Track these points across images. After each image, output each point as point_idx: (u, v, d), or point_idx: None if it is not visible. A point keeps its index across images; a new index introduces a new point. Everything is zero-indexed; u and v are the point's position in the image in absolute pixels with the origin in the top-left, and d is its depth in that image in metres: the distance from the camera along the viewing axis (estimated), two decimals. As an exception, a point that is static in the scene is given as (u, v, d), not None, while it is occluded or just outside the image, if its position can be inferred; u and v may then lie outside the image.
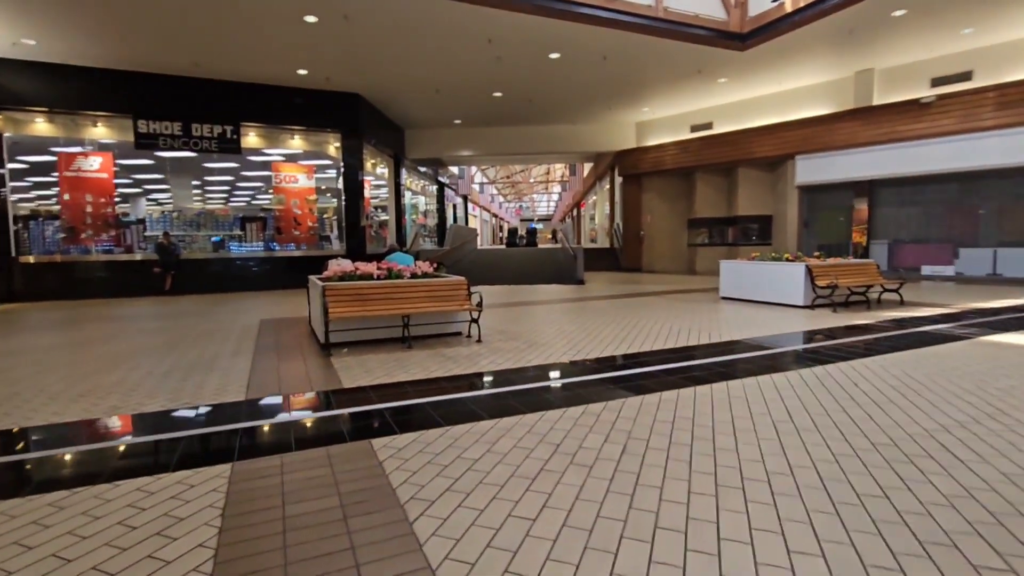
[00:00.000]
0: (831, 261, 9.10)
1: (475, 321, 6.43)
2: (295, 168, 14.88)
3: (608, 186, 23.31)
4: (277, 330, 7.43)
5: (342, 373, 4.86)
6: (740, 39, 11.44)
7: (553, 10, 9.65)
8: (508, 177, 48.83)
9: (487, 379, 4.62)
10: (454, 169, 30.15)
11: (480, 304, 6.35)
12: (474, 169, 38.27)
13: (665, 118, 17.98)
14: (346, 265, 7.16)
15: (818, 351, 5.52)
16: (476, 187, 40.54)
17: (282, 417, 3.58)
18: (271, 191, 14.88)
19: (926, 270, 13.61)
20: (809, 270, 8.42)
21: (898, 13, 10.08)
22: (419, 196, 25.12)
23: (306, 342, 6.47)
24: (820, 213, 15.61)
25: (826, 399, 3.83)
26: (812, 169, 14.89)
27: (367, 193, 17.03)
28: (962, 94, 12.07)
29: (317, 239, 15.62)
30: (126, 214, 15.45)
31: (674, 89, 14.83)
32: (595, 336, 6.53)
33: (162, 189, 16.98)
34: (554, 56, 11.89)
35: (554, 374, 4.75)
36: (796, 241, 15.47)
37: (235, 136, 13.47)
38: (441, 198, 27.50)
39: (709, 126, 16.85)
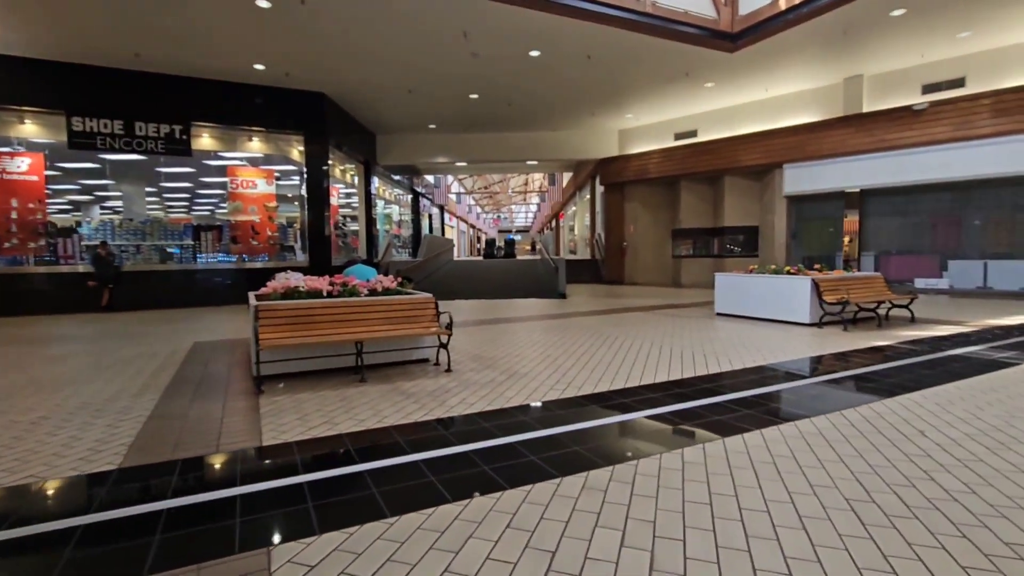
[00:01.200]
0: (835, 275, 8.37)
1: (444, 346, 5.40)
2: (253, 172, 13.67)
3: (589, 196, 22.60)
4: (209, 356, 6.27)
5: (267, 421, 3.78)
6: (730, 39, 10.80)
7: (534, 0, 8.80)
8: (486, 188, 48.03)
9: (454, 429, 3.60)
10: (430, 178, 29.16)
11: (450, 326, 5.34)
12: (451, 179, 37.33)
13: (649, 125, 17.34)
14: (295, 279, 6.08)
15: (854, 382, 4.65)
16: (453, 197, 39.59)
17: (150, 505, 2.50)
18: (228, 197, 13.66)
19: (919, 283, 13.10)
20: (816, 284, 7.65)
21: (897, 12, 9.54)
22: (393, 205, 24.03)
23: (238, 373, 5.35)
24: (808, 224, 15.06)
25: (898, 459, 2.92)
26: (800, 178, 14.34)
27: (335, 201, 15.90)
28: (956, 101, 11.64)
29: (279, 249, 14.40)
30: (79, 223, 14.00)
31: (659, 94, 14.17)
32: (585, 362, 5.57)
33: (111, 196, 15.65)
34: (535, 54, 11.05)
35: (540, 420, 3.76)
36: (784, 253, 14.88)
37: (185, 136, 12.22)
38: (416, 208, 26.43)
39: (694, 134, 16.25)
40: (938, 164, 12.10)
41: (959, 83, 11.83)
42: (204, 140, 12.82)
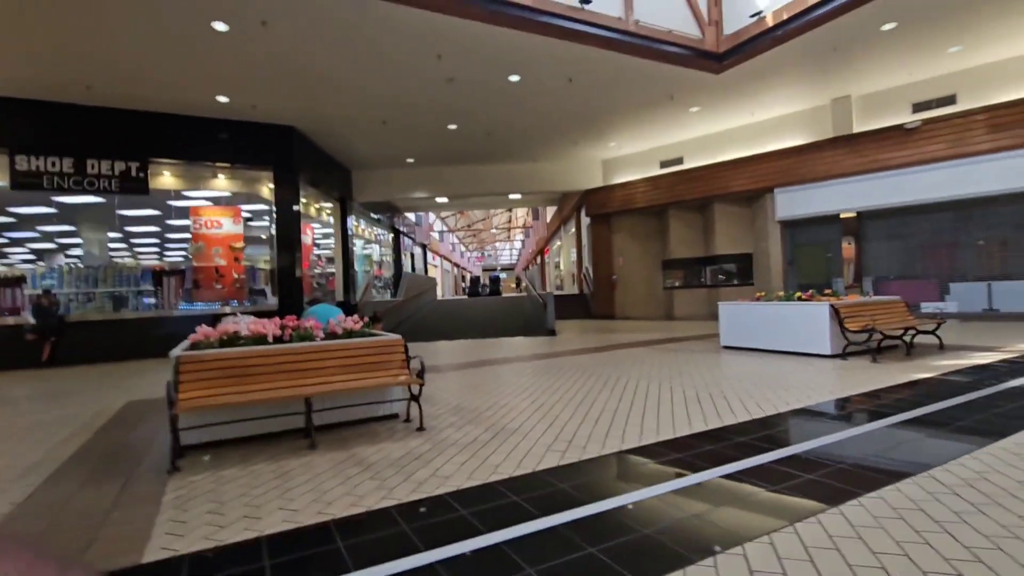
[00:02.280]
0: (851, 300, 7.64)
1: (415, 399, 4.45)
2: (218, 211, 12.79)
3: (574, 229, 22.08)
4: (135, 420, 5.23)
5: (166, 516, 2.77)
6: (716, 59, 10.42)
7: (509, 18, 8.29)
8: (469, 226, 47.69)
9: (417, 522, 2.63)
10: (411, 216, 28.53)
11: (421, 373, 4.41)
12: (433, 217, 36.83)
13: (633, 154, 16.96)
14: (242, 323, 5.14)
15: (925, 427, 3.78)
16: (436, 235, 39.00)
17: None
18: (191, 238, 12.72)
19: (925, 307, 12.48)
20: (835, 311, 6.89)
21: (888, 27, 9.23)
22: (373, 245, 23.22)
23: (160, 441, 4.32)
24: (803, 249, 14.53)
25: (1056, 552, 2.04)
26: (793, 203, 13.89)
27: (308, 240, 15.06)
28: (950, 118, 11.33)
29: (247, 293, 13.38)
30: (23, 275, 12.89)
31: (643, 120, 13.77)
32: (585, 411, 4.65)
33: (71, 244, 14.74)
34: (514, 79, 10.55)
35: (537, 501, 2.80)
36: (781, 280, 14.26)
37: (142, 175, 11.34)
38: (398, 247, 25.66)
39: (680, 161, 15.86)
40: (935, 183, 11.71)
41: (950, 100, 11.56)
42: (165, 178, 11.97)
